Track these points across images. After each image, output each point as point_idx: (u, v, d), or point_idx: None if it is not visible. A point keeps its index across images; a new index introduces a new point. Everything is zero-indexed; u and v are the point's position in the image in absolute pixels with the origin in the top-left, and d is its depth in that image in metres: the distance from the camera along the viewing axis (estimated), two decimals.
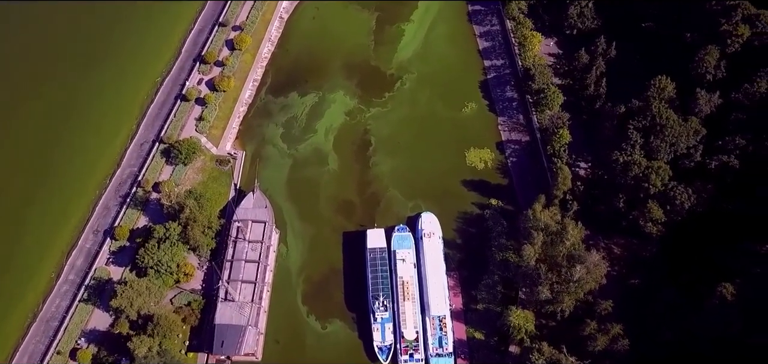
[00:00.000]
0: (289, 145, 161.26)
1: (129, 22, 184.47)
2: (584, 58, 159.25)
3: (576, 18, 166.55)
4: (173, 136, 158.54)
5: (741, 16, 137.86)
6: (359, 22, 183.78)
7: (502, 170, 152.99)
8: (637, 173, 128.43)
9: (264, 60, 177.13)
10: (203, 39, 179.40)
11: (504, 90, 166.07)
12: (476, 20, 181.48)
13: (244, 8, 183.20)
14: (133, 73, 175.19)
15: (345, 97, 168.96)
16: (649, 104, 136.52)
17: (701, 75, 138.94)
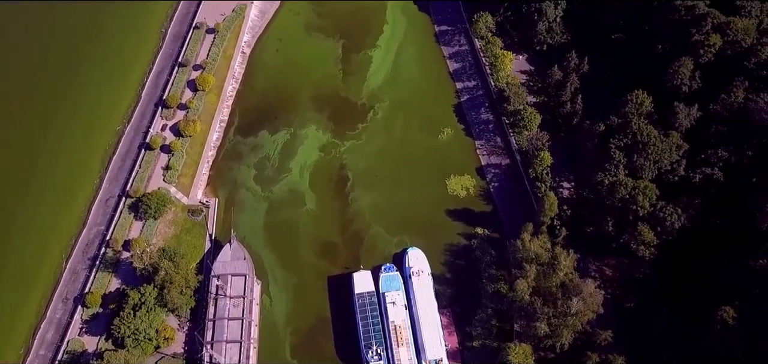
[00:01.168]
0: (263, 188, 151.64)
1: (83, 67, 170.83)
2: (557, 74, 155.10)
3: (545, 34, 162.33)
4: (140, 189, 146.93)
5: (711, 25, 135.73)
6: (324, 51, 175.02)
7: (485, 196, 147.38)
8: (624, 195, 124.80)
9: (229, 99, 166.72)
10: (163, 81, 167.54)
11: (479, 112, 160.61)
12: (444, 41, 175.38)
13: (203, 45, 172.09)
14: (92, 123, 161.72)
15: (317, 131, 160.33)
16: (629, 121, 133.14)
17: (677, 87, 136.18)
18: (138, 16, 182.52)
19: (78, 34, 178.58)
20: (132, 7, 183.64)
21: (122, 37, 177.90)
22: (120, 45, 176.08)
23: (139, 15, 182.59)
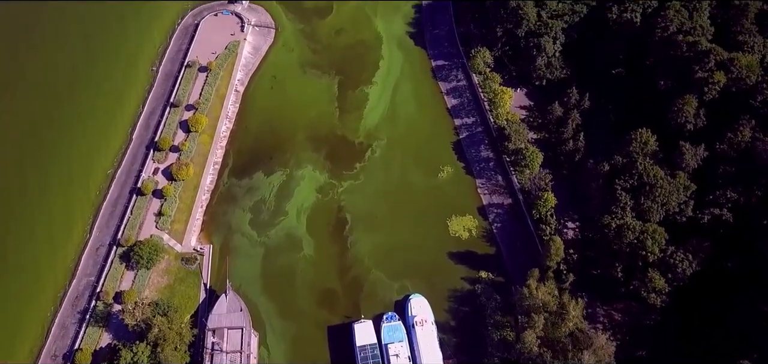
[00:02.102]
0: (259, 232, 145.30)
1: (72, 108, 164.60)
2: (558, 110, 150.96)
3: (544, 69, 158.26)
4: (132, 237, 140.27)
5: (714, 62, 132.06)
6: (320, 88, 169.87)
7: (488, 238, 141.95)
8: (632, 239, 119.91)
9: (223, 140, 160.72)
10: (155, 122, 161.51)
11: (479, 150, 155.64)
12: (441, 76, 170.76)
13: (196, 84, 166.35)
14: (81, 167, 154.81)
15: (314, 172, 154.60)
16: (634, 161, 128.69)
17: (681, 125, 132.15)
18: (128, 54, 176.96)
19: (66, 73, 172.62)
20: (122, 45, 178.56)
21: (112, 77, 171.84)
22: (110, 85, 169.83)
23: (129, 53, 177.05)
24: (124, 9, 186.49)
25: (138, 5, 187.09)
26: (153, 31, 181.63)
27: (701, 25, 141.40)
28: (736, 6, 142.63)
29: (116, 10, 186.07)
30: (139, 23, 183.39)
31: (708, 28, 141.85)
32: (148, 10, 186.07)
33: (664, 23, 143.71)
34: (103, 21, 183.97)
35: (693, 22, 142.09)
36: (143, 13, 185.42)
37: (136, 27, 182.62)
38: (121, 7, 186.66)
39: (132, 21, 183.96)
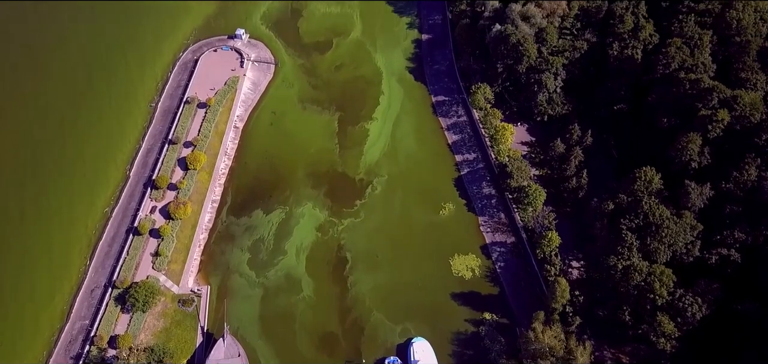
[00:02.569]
0: (257, 273, 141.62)
1: (69, 145, 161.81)
2: (560, 147, 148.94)
3: (545, 105, 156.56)
4: (127, 278, 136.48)
5: (717, 100, 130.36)
6: (320, 124, 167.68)
7: (492, 278, 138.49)
8: (639, 281, 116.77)
9: (222, 177, 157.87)
10: (153, 160, 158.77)
11: (480, 186, 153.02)
12: (441, 112, 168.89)
13: (195, 121, 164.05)
14: (78, 205, 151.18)
15: (314, 209, 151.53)
16: (639, 200, 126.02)
17: (686, 163, 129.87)
18: (126, 90, 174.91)
19: (65, 107, 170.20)
20: (120, 81, 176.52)
21: (111, 113, 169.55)
22: (108, 121, 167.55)
23: (127, 89, 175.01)
24: (126, 43, 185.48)
25: (139, 40, 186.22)
26: (153, 67, 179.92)
27: (703, 62, 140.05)
28: (738, 43, 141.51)
29: (118, 44, 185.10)
30: (139, 58, 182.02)
31: (710, 66, 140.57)
32: (149, 45, 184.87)
33: (666, 60, 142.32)
34: (104, 55, 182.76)
35: (694, 59, 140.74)
36: (144, 48, 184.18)
37: (136, 62, 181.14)
38: (122, 42, 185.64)
39: (132, 56, 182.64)
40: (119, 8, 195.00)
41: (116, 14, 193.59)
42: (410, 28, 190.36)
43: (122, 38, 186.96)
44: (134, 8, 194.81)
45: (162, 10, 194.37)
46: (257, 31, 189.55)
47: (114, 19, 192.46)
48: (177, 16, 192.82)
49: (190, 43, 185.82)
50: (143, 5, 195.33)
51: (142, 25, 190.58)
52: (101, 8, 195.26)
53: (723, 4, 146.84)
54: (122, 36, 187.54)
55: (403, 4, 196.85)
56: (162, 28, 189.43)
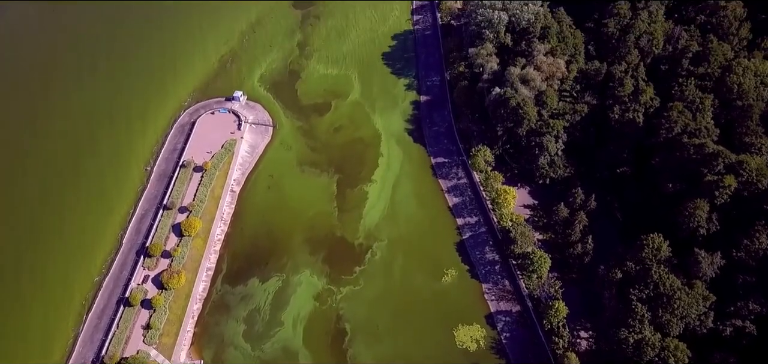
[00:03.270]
0: (253, 345, 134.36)
1: (61, 209, 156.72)
2: (563, 212, 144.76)
3: (547, 167, 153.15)
4: (117, 354, 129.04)
5: (723, 165, 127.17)
6: (319, 187, 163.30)
7: (498, 349, 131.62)
8: (653, 357, 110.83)
9: (217, 243, 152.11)
10: (147, 226, 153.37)
11: (483, 252, 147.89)
12: (441, 174, 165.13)
13: (190, 185, 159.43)
14: (67, 273, 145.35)
15: (311, 277, 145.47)
16: (648, 268, 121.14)
17: (694, 229, 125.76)
18: (122, 152, 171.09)
19: (57, 171, 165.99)
20: (116, 143, 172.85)
21: (104, 177, 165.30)
22: (101, 185, 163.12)
23: (123, 151, 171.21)
24: (122, 105, 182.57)
25: (136, 102, 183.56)
26: (149, 129, 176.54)
27: (706, 126, 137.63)
28: (740, 107, 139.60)
29: (114, 106, 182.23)
30: (135, 120, 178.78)
31: (713, 130, 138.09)
32: (145, 107, 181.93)
33: (668, 124, 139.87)
34: (100, 116, 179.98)
35: (697, 123, 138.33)
36: (141, 110, 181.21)
37: (132, 124, 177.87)
38: (119, 104, 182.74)
39: (128, 118, 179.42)
40: (116, 69, 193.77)
41: (113, 75, 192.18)
42: (409, 89, 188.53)
43: (119, 100, 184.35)
44: (131, 69, 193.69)
45: (159, 72, 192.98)
46: (255, 92, 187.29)
47: (111, 79, 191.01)
48: (174, 77, 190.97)
49: (188, 105, 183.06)
50: (140, 66, 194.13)
51: (138, 86, 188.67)
52: (98, 69, 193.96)
53: (722, 68, 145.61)
54: (119, 98, 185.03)
55: (401, 65, 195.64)
56: (159, 90, 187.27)
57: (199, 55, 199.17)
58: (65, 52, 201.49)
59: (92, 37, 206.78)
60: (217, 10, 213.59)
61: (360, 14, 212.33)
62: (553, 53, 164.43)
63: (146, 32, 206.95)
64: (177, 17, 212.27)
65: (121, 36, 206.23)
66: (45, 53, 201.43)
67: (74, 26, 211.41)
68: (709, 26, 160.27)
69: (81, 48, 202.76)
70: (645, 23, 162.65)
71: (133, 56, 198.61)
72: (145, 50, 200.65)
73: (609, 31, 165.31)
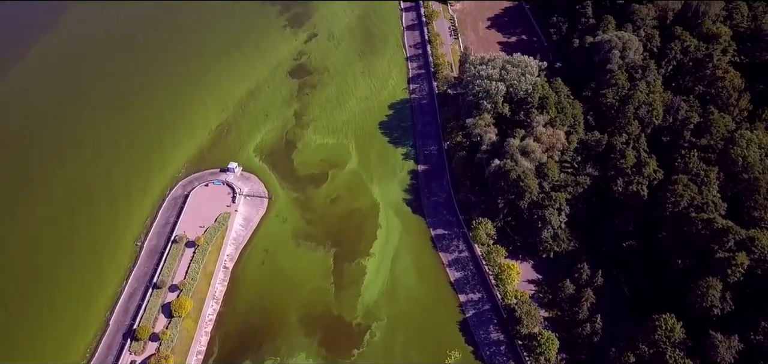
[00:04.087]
0: None
1: (45, 287, 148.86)
2: (569, 288, 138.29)
3: (551, 241, 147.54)
4: None
5: (733, 242, 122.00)
6: (315, 262, 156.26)
7: None
8: None
9: (208, 324, 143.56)
10: (135, 306, 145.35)
11: (488, 331, 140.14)
12: (442, 247, 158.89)
13: (182, 262, 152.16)
14: (50, 357, 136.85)
15: (307, 360, 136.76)
16: (662, 352, 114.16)
17: (707, 309, 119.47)
18: (112, 226, 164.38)
19: (42, 249, 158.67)
20: (106, 217, 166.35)
21: (93, 254, 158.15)
22: (90, 263, 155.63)
23: (113, 226, 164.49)
24: (114, 177, 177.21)
25: (129, 173, 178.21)
26: (141, 202, 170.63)
27: (713, 200, 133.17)
28: (746, 180, 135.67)
29: (106, 178, 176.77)
30: (127, 193, 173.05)
31: (720, 204, 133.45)
32: (138, 179, 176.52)
33: (674, 198, 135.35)
34: (90, 189, 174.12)
35: (703, 197, 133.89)
36: (133, 182, 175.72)
37: (123, 197, 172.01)
38: (110, 176, 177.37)
39: (120, 191, 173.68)
40: (108, 140, 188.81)
41: (104, 146, 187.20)
42: (406, 158, 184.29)
43: (110, 171, 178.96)
44: (124, 140, 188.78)
45: (153, 143, 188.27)
46: (251, 163, 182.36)
47: (102, 151, 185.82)
48: (168, 148, 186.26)
49: (182, 177, 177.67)
50: (133, 138, 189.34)
51: (131, 157, 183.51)
52: (90, 138, 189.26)
53: (725, 140, 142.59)
54: (110, 169, 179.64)
55: (398, 134, 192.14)
56: (154, 161, 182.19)
57: (196, 124, 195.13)
58: (56, 120, 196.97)
59: (86, 103, 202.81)
60: (215, 79, 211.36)
61: (357, 83, 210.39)
62: (553, 124, 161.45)
63: (142, 100, 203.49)
64: (173, 85, 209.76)
65: (118, 103, 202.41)
66: (38, 119, 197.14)
67: (66, 93, 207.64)
68: (709, 97, 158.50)
69: (71, 115, 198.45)
70: (643, 94, 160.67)
71: (128, 125, 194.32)
72: (141, 119, 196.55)
73: (608, 101, 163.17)
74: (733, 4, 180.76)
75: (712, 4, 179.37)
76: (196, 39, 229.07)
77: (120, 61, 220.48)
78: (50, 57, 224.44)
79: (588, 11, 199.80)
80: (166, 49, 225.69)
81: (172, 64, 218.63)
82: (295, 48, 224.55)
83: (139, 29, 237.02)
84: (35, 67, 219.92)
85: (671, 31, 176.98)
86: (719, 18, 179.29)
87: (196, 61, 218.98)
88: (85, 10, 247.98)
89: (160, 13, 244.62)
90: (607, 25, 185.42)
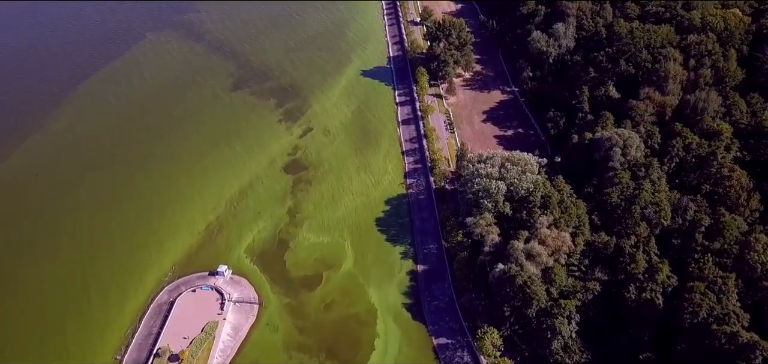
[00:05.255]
0: None
1: None
2: None
3: (562, 352, 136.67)
4: None
5: (761, 359, 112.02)
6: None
7: None
8: None
9: None
10: None
11: None
12: (445, 357, 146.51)
13: None
14: None
15: None
16: None
17: None
18: (92, 339, 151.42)
19: None
20: (86, 327, 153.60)
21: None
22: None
23: (93, 338, 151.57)
24: (92, 283, 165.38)
25: (109, 278, 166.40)
26: (122, 311, 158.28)
27: (734, 311, 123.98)
28: (766, 288, 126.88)
29: (88, 282, 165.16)
30: (106, 301, 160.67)
31: (743, 315, 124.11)
32: (119, 284, 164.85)
33: (692, 308, 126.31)
34: (69, 296, 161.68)
35: (723, 307, 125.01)
36: (113, 288, 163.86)
37: (102, 305, 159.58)
38: (88, 281, 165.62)
39: (99, 298, 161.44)
40: (88, 242, 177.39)
41: (83, 249, 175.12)
42: (405, 257, 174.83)
43: (92, 276, 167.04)
44: (105, 242, 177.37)
45: (137, 244, 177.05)
46: (241, 265, 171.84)
47: (80, 254, 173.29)
48: (154, 250, 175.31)
49: (168, 280, 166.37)
50: (115, 240, 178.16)
51: (112, 261, 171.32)
52: (68, 239, 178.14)
53: (740, 244, 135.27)
54: (92, 273, 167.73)
55: (396, 231, 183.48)
56: (135, 265, 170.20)
57: (185, 223, 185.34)
58: (32, 219, 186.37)
59: (67, 201, 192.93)
60: (206, 175, 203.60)
61: (352, 178, 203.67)
62: (557, 225, 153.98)
63: (127, 198, 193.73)
64: (161, 181, 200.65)
65: (102, 200, 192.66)
66: (13, 217, 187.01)
67: (46, 189, 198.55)
68: (716, 196, 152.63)
69: (49, 214, 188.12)
70: (649, 193, 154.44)
71: (111, 224, 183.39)
72: (125, 218, 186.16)
73: (613, 201, 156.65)
74: (730, 101, 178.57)
75: (710, 100, 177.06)
76: (188, 133, 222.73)
77: (108, 155, 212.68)
78: (34, 154, 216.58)
79: (585, 106, 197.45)
80: (156, 141, 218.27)
81: (161, 158, 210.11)
82: (289, 143, 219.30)
83: (131, 121, 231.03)
84: (15, 165, 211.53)
85: (671, 127, 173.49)
86: (718, 114, 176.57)
87: (187, 156, 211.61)
88: (76, 106, 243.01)
89: (150, 106, 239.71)
90: (605, 121, 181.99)
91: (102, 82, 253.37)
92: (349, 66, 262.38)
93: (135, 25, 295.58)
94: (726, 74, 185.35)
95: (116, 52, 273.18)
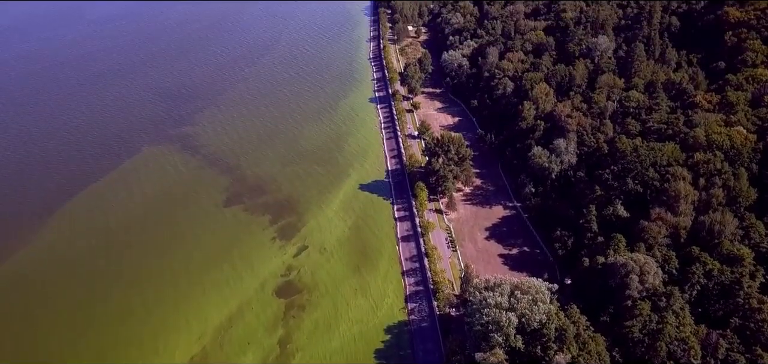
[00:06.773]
0: None
1: None
2: None
3: None
4: None
5: None
6: None
7: None
8: None
9: None
10: None
11: None
12: None
13: None
14: None
15: None
16: None
17: None
18: None
19: None
20: None
21: None
22: None
23: None
24: None
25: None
26: None
27: None
28: None
29: None
30: None
31: None
32: None
33: None
34: None
35: None
36: None
37: None
38: None
39: None
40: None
41: None
42: None
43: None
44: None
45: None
46: None
47: None
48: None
49: None
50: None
51: None
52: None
53: None
54: None
55: None
56: None
57: (167, 354, 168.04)
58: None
59: (44, 325, 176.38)
60: (192, 301, 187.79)
61: (349, 303, 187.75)
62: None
63: (100, 327, 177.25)
64: (142, 310, 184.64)
65: (73, 323, 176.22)
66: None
67: (26, 311, 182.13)
68: (748, 332, 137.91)
69: (26, 339, 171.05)
70: (673, 327, 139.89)
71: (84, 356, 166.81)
72: (101, 346, 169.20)
73: (634, 336, 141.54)
74: (747, 223, 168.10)
75: (725, 221, 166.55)
76: (175, 256, 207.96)
77: (87, 278, 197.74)
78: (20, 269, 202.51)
79: (593, 226, 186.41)
80: (140, 266, 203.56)
81: (145, 283, 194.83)
82: (283, 263, 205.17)
83: (115, 243, 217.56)
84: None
85: (689, 252, 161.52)
86: (736, 237, 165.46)
87: (172, 280, 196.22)
88: (64, 222, 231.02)
89: (136, 227, 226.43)
90: (617, 244, 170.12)
91: (91, 198, 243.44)
92: (347, 180, 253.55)
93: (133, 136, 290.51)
94: (739, 194, 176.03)
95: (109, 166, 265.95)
